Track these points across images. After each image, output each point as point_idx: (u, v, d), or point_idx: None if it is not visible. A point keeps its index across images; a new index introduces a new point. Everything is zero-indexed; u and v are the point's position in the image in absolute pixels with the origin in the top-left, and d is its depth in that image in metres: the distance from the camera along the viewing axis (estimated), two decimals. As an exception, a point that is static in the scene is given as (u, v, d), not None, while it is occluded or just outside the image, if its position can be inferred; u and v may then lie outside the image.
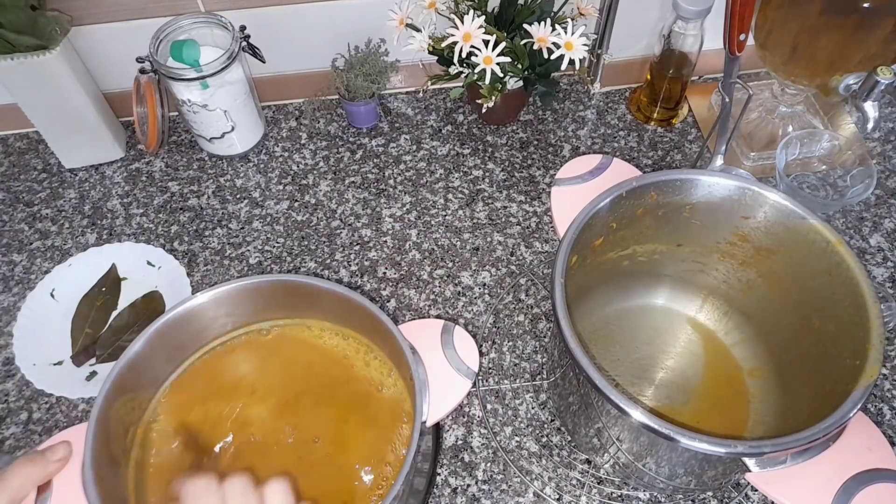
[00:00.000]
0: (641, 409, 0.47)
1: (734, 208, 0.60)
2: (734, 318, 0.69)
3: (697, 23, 0.77)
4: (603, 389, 0.48)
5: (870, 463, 0.49)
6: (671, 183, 0.60)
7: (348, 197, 0.84)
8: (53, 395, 0.69)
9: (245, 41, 0.79)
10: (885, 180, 0.84)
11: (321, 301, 0.57)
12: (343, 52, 0.85)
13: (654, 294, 0.72)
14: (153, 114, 0.81)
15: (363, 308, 0.54)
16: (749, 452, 0.47)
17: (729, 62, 0.70)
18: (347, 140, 0.89)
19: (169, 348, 0.57)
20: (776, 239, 0.60)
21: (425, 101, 0.92)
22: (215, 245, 0.80)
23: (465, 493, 0.63)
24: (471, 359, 0.55)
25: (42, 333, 0.72)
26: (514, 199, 0.83)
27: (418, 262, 0.78)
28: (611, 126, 0.89)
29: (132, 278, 0.77)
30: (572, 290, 0.54)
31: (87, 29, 0.80)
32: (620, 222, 0.62)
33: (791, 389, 0.62)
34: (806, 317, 0.59)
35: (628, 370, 0.68)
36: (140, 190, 0.85)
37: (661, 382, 0.68)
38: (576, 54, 0.74)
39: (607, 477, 0.64)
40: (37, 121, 0.81)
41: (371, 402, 0.58)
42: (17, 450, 0.67)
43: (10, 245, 0.81)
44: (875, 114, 0.68)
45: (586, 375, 0.49)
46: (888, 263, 0.77)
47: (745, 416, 0.65)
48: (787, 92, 0.83)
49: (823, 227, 0.56)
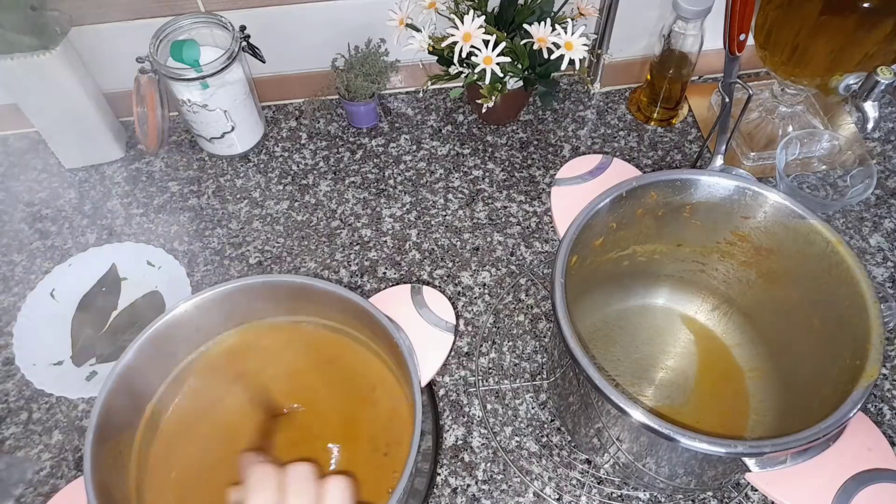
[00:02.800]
0: (641, 409, 0.47)
1: (734, 208, 0.60)
2: (734, 318, 0.69)
3: (697, 23, 0.77)
4: (603, 389, 0.48)
5: (870, 463, 0.49)
6: (671, 183, 0.60)
7: (348, 197, 0.84)
8: (53, 395, 0.69)
9: (245, 41, 0.79)
10: (885, 180, 0.84)
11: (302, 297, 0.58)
12: (343, 52, 0.85)
13: (654, 294, 0.72)
14: (153, 114, 0.81)
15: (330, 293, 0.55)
16: (749, 452, 0.47)
17: (729, 62, 0.70)
18: (347, 140, 0.89)
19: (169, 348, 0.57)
20: (776, 239, 0.60)
21: (425, 101, 0.92)
22: (215, 245, 0.80)
23: (465, 493, 0.63)
24: (446, 313, 0.57)
25: (42, 333, 0.72)
26: (514, 199, 0.83)
27: (418, 262, 0.78)
28: (611, 126, 0.89)
29: (132, 278, 0.77)
30: (572, 290, 0.54)
31: (87, 29, 0.80)
32: (620, 222, 0.62)
33: (791, 390, 0.62)
34: (806, 317, 0.59)
35: (628, 370, 0.68)
36: (140, 190, 0.85)
37: (661, 382, 0.68)
38: (576, 54, 0.74)
39: (607, 477, 0.64)
40: (37, 121, 0.81)
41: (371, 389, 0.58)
42: (17, 450, 0.67)
43: (10, 245, 0.81)
44: (875, 114, 0.68)
45: (586, 375, 0.49)
46: (888, 263, 0.77)
47: (745, 416, 0.65)
48: (787, 92, 0.83)
49: (823, 227, 0.56)
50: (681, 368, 0.68)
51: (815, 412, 0.50)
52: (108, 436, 0.51)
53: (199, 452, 0.57)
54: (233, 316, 0.59)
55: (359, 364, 0.60)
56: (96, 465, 0.48)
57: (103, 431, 0.50)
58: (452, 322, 0.57)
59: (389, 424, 0.57)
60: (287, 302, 0.59)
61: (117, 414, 0.52)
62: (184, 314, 0.56)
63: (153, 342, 0.54)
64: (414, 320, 0.57)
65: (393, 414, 0.57)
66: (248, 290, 0.57)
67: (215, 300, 0.56)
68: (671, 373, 0.68)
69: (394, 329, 0.53)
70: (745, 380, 0.67)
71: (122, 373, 0.52)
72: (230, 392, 0.60)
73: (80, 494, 0.47)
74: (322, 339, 0.61)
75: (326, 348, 0.61)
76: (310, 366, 0.61)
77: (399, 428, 0.56)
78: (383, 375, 0.59)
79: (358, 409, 0.59)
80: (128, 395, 0.53)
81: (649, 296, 0.72)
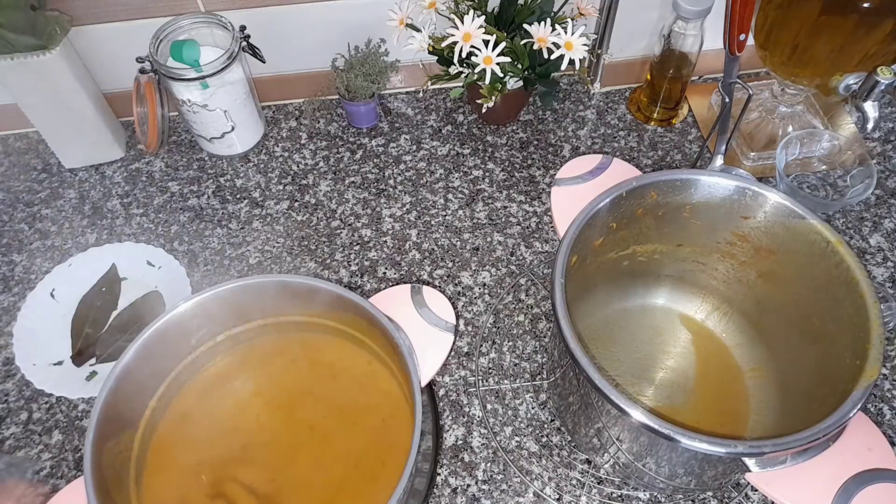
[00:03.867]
0: (641, 409, 0.47)
1: (734, 208, 0.60)
2: (734, 318, 0.69)
3: (697, 23, 0.77)
4: (603, 389, 0.48)
5: (870, 463, 0.49)
6: (671, 183, 0.60)
7: (348, 197, 0.84)
8: (53, 395, 0.69)
9: (245, 41, 0.79)
10: (885, 180, 0.84)
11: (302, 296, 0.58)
12: (343, 52, 0.85)
13: (654, 294, 0.72)
14: (153, 114, 0.81)
15: (330, 292, 0.55)
16: (749, 452, 0.47)
17: (729, 62, 0.70)
18: (347, 140, 0.89)
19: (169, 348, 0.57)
20: (776, 239, 0.60)
21: (425, 101, 0.92)
22: (215, 245, 0.80)
23: (465, 493, 0.63)
24: (446, 313, 0.57)
25: (42, 333, 0.72)
26: (514, 199, 0.83)
27: (418, 262, 0.78)
28: (611, 126, 0.89)
29: (132, 278, 0.77)
30: (572, 290, 0.54)
31: (87, 29, 0.80)
32: (620, 222, 0.62)
33: (791, 390, 0.62)
34: (806, 317, 0.59)
35: (628, 370, 0.68)
36: (140, 190, 0.85)
37: (661, 382, 0.68)
38: (576, 54, 0.74)
39: (607, 477, 0.64)
40: (37, 121, 0.81)
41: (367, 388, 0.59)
42: (17, 450, 0.67)
43: (10, 245, 0.81)
44: (875, 114, 0.68)
45: (586, 375, 0.49)
46: (888, 263, 0.77)
47: (746, 415, 0.65)
48: (787, 92, 0.83)
49: (823, 227, 0.56)
50: (681, 368, 0.68)
51: (814, 412, 0.50)
52: (108, 436, 0.51)
53: (198, 452, 0.57)
54: (233, 316, 0.59)
55: (358, 364, 0.60)
56: (96, 465, 0.48)
57: (103, 431, 0.50)
58: (452, 322, 0.57)
59: (389, 424, 0.57)
60: (287, 301, 0.59)
61: (117, 414, 0.52)
62: (184, 314, 0.56)
63: (153, 342, 0.54)
64: (414, 320, 0.57)
65: (393, 413, 0.57)
66: (247, 289, 0.57)
67: (215, 300, 0.56)
68: (671, 373, 0.68)
69: (394, 329, 0.53)
70: (745, 380, 0.67)
71: (122, 373, 0.52)
72: (230, 391, 0.60)
73: (80, 494, 0.47)
74: (320, 340, 0.61)
75: (325, 349, 0.61)
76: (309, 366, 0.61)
77: (399, 428, 0.56)
78: (383, 375, 0.59)
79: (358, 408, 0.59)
80: (128, 395, 0.53)
81: (649, 296, 0.72)
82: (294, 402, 0.60)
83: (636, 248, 0.67)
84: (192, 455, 0.57)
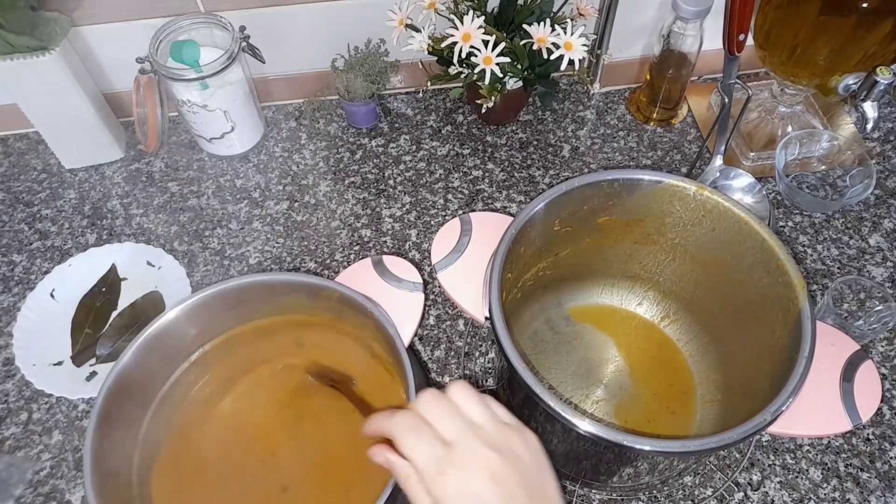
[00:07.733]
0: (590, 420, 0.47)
1: (651, 203, 0.60)
2: (671, 305, 0.70)
3: (697, 23, 0.77)
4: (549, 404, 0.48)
5: (842, 356, 0.54)
6: (569, 194, 0.58)
7: (348, 197, 0.84)
8: (53, 396, 0.69)
9: (245, 41, 0.79)
10: (884, 180, 0.84)
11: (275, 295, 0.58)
12: (343, 53, 0.85)
13: (593, 294, 0.72)
14: (153, 114, 0.81)
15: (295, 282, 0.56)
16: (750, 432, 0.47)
17: (728, 62, 0.70)
18: (347, 140, 0.89)
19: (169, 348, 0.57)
20: (699, 225, 0.60)
21: (425, 101, 0.92)
22: (215, 245, 0.80)
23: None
24: (411, 274, 0.59)
25: (42, 333, 0.72)
26: (513, 199, 0.83)
27: (418, 263, 0.78)
28: (610, 126, 0.89)
29: (132, 278, 0.77)
30: (511, 304, 0.55)
31: (87, 29, 0.80)
32: (540, 238, 0.61)
33: (731, 368, 0.63)
34: (732, 294, 0.61)
35: (576, 372, 0.68)
36: (140, 190, 0.85)
37: (610, 380, 0.68)
38: (575, 55, 0.74)
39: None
40: (37, 121, 0.81)
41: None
42: (17, 450, 0.67)
43: (10, 245, 0.81)
44: (874, 114, 0.68)
45: (531, 391, 0.49)
46: (888, 263, 0.77)
47: (693, 396, 0.66)
48: (787, 92, 0.84)
49: (731, 205, 0.56)
50: (628, 363, 0.69)
51: (758, 384, 0.54)
52: (108, 436, 0.51)
53: (199, 451, 0.57)
54: (232, 315, 0.59)
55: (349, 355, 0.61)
56: (96, 465, 0.48)
57: (103, 431, 0.50)
58: (420, 281, 0.59)
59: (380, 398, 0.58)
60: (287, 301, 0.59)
61: (117, 414, 0.52)
62: (183, 314, 0.56)
63: (153, 342, 0.54)
64: (382, 289, 0.58)
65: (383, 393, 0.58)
66: (246, 289, 0.57)
67: (215, 300, 0.56)
68: (619, 369, 0.68)
69: (366, 301, 0.55)
70: (689, 364, 0.68)
71: (121, 373, 0.52)
72: (231, 391, 0.60)
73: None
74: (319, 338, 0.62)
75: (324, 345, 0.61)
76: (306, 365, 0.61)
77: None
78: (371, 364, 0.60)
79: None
80: (128, 395, 0.53)
81: (589, 296, 0.72)
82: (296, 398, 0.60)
83: (562, 254, 0.66)
84: (193, 455, 0.57)
